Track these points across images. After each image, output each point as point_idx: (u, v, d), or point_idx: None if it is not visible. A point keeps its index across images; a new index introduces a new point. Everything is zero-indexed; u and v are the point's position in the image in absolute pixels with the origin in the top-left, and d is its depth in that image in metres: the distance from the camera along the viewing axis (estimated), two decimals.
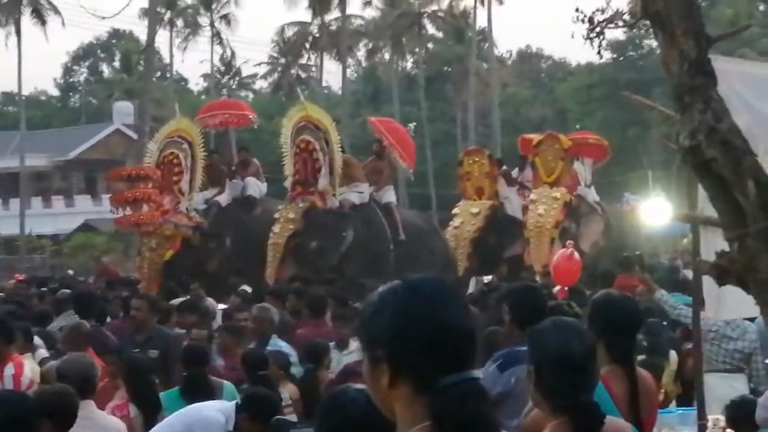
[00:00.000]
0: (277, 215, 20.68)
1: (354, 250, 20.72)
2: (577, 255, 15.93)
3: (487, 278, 19.80)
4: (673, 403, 9.21)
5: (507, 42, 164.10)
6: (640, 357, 8.40)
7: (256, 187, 22.73)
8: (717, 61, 4.03)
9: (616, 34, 66.17)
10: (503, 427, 2.60)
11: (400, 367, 2.46)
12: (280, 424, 6.86)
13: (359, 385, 3.92)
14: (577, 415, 3.92)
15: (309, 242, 20.44)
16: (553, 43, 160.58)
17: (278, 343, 10.62)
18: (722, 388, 8.88)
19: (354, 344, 10.37)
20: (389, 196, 22.75)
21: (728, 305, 6.58)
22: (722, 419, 7.52)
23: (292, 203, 20.79)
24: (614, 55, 69.20)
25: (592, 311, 5.40)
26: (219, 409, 7.04)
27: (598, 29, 4.25)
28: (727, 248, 3.88)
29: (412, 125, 61.97)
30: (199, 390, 7.70)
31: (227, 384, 8.69)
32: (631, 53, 71.89)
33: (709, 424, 7.10)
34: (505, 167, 23.99)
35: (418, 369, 2.44)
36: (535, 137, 23.88)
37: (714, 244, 4.73)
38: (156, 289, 19.25)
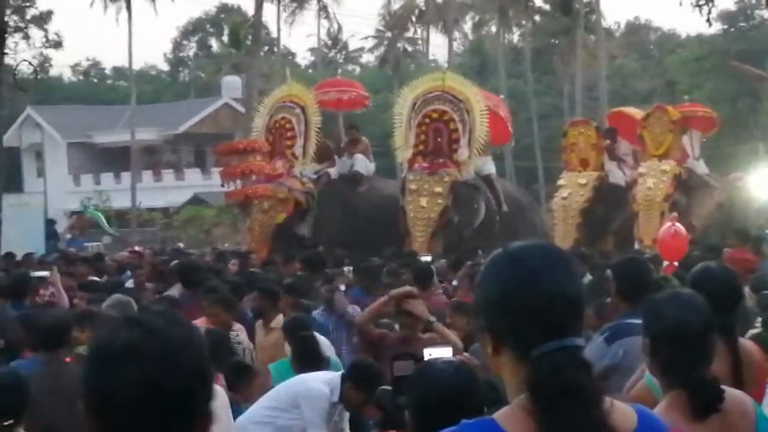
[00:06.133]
0: (413, 186, 20.23)
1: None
2: (683, 230, 15.58)
3: None
4: None
5: (615, 13, 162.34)
6: (755, 331, 8.25)
7: (364, 164, 22.68)
8: None
9: (726, 4, 65.07)
10: None
11: (499, 336, 2.43)
12: (383, 393, 6.95)
13: (449, 358, 4.00)
14: (694, 391, 3.85)
15: (453, 216, 20.35)
16: (662, 14, 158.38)
17: None
18: None
19: None
20: (489, 167, 22.55)
21: None
22: None
23: (433, 175, 20.33)
24: (724, 26, 67.87)
25: (690, 285, 5.21)
26: (324, 380, 7.14)
27: None
28: None
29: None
30: (308, 361, 7.78)
31: (333, 357, 8.76)
32: (742, 24, 70.46)
33: None
34: (608, 141, 23.72)
35: (516, 337, 2.39)
36: (632, 110, 23.66)
37: None
38: (266, 252, 19.33)
